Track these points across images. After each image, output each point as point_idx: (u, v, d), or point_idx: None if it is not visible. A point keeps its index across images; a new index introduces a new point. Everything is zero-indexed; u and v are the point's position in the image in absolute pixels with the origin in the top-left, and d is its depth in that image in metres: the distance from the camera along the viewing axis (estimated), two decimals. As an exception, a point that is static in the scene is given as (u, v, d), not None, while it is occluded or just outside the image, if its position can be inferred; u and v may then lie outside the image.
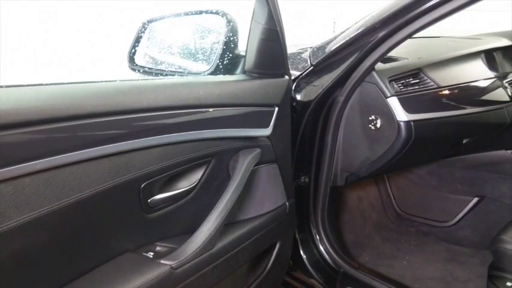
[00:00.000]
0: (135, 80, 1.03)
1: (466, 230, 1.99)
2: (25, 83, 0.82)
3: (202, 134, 1.06)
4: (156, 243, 1.07)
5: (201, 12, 1.36)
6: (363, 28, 1.30)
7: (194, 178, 1.11)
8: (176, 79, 1.14)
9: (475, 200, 1.97)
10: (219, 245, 1.10)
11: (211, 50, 1.34)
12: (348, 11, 4.29)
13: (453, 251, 1.91)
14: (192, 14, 1.37)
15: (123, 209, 0.96)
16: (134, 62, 1.43)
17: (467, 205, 1.98)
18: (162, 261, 0.98)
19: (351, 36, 1.32)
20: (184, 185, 1.10)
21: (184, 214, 1.12)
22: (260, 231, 1.27)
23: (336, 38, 1.40)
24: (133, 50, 1.42)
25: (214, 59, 1.30)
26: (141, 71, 1.43)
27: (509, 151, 1.80)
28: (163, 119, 0.98)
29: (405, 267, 1.79)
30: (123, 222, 0.98)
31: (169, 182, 1.06)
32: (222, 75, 1.27)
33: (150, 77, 1.42)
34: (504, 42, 1.97)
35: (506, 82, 1.75)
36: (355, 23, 1.36)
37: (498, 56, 1.89)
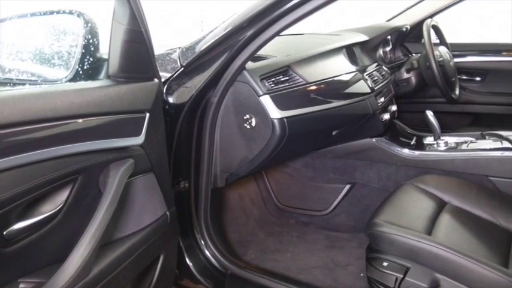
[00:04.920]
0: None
1: (341, 216, 2.11)
2: None
3: (64, 149, 0.94)
4: (20, 281, 0.94)
5: (52, 13, 1.22)
6: (231, 27, 1.28)
7: (59, 200, 0.99)
8: (28, 89, 0.99)
9: (347, 187, 2.08)
10: (95, 270, 1.00)
11: (69, 54, 1.20)
12: (214, 10, 4.30)
13: (332, 237, 2.00)
14: (41, 14, 1.22)
15: None
16: (-26, 71, 1.23)
17: (340, 192, 2.10)
18: None
19: (220, 35, 1.30)
20: (49, 208, 0.97)
21: (52, 241, 1.00)
22: (141, 246, 1.19)
23: (204, 37, 1.37)
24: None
25: (73, 64, 1.17)
26: None
27: (373, 139, 1.94)
28: (13, 137, 0.84)
29: (289, 259, 1.83)
30: None
31: (29, 207, 0.93)
32: (83, 82, 1.14)
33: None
34: (362, 38, 2.11)
35: (366, 75, 1.88)
36: (223, 22, 1.34)
37: (357, 51, 2.02)
